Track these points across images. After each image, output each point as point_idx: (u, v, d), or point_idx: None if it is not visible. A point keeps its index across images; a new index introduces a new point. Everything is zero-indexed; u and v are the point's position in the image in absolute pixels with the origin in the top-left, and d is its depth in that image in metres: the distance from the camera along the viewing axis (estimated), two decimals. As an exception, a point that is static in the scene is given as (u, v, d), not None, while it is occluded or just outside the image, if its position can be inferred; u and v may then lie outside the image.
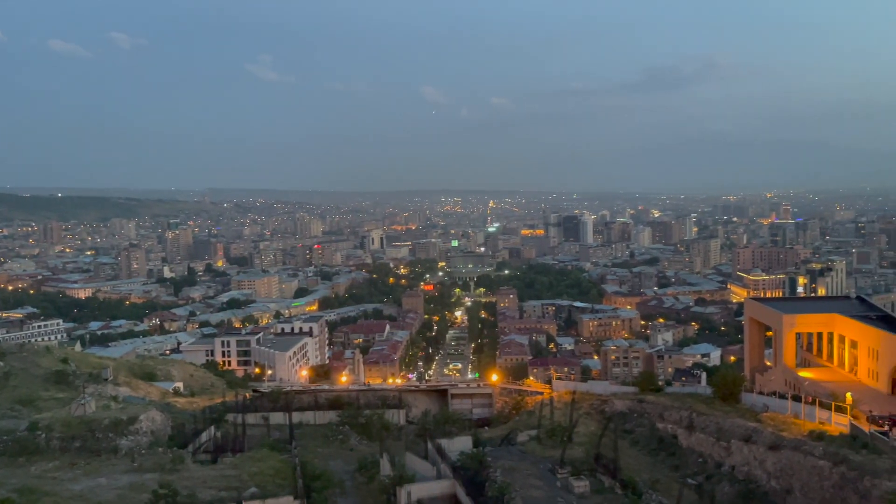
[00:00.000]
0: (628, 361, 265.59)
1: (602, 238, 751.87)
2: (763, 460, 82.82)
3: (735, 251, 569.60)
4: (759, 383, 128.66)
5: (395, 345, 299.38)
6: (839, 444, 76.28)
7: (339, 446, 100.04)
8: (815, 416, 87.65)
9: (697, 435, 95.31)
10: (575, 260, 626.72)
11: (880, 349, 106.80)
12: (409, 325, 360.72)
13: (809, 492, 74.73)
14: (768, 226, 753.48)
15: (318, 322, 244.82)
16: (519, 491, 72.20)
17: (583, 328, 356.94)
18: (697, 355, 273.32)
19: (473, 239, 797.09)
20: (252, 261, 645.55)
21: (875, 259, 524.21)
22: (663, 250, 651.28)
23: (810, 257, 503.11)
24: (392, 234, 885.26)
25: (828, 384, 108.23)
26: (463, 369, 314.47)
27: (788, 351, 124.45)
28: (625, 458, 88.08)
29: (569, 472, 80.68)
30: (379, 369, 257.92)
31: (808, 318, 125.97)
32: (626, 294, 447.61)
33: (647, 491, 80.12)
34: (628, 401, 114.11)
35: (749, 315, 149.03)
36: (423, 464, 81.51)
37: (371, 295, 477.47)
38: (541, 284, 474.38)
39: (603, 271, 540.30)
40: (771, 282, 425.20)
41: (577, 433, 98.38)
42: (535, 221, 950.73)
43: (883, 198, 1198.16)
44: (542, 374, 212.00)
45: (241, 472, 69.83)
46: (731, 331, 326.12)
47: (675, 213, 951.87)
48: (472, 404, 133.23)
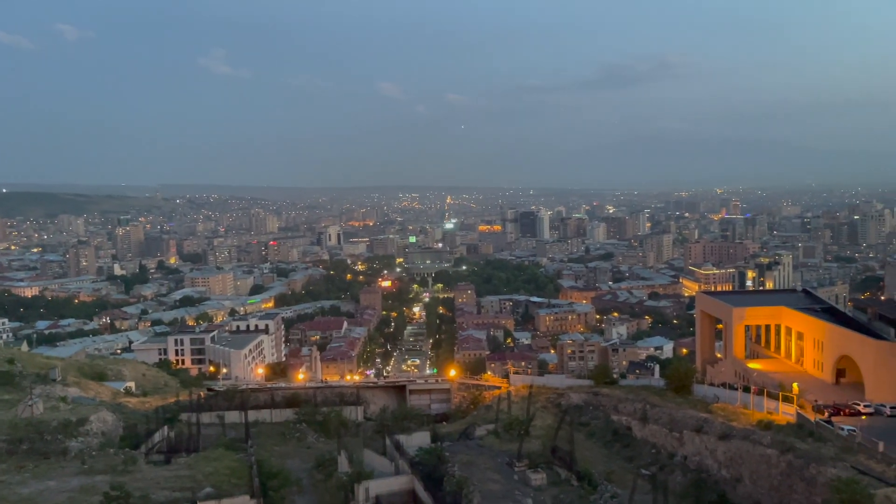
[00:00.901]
0: (584, 355, 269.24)
1: (558, 233, 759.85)
2: (714, 450, 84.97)
3: (687, 246, 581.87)
4: (710, 375, 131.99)
5: (352, 341, 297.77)
6: (786, 432, 78.78)
7: (297, 444, 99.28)
8: (763, 406, 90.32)
9: (651, 426, 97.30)
10: (532, 255, 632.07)
11: (825, 340, 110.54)
12: (367, 321, 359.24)
13: (758, 480, 77.01)
14: (719, 221, 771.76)
15: (274, 319, 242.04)
16: (477, 485, 72.74)
17: (540, 323, 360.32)
18: (651, 348, 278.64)
19: (431, 235, 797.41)
20: (206, 258, 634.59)
21: (820, 253, 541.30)
22: (618, 245, 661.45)
23: (759, 252, 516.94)
24: (349, 230, 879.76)
25: (775, 375, 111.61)
26: (421, 365, 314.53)
27: (738, 343, 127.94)
28: (581, 451, 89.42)
29: (526, 465, 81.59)
30: (336, 366, 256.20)
31: (756, 310, 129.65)
32: (581, 289, 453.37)
33: (603, 482, 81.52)
34: (584, 394, 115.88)
35: (700, 308, 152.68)
36: (382, 460, 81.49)
37: (328, 291, 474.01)
38: (498, 280, 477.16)
39: (559, 266, 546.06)
40: (721, 276, 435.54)
41: (534, 426, 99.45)
42: (492, 217, 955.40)
43: (827, 194, 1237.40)
44: (499, 369, 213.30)
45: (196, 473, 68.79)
46: (684, 324, 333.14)
47: (629, 209, 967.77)
48: (431, 400, 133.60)
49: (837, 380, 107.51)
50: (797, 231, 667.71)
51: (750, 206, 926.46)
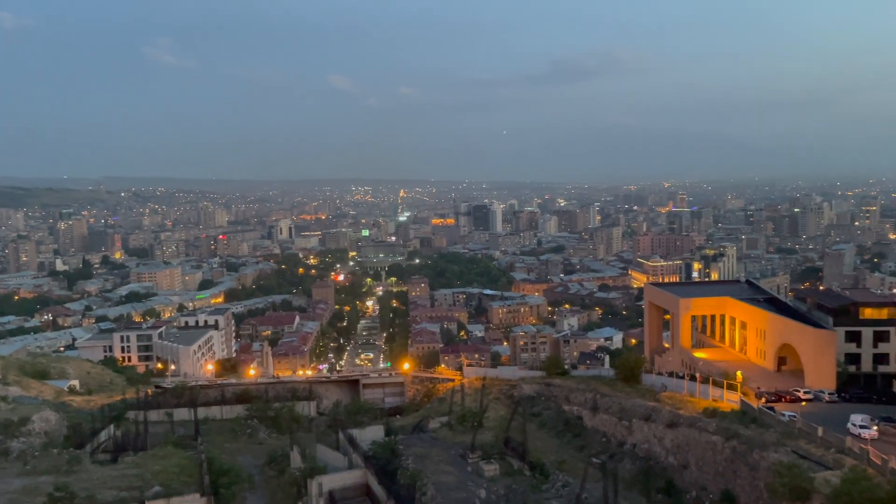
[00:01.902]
0: (536, 346, 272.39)
1: (511, 227, 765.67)
2: (662, 437, 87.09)
3: (635, 238, 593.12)
4: (658, 364, 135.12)
5: (305, 336, 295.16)
6: (731, 419, 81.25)
7: (248, 440, 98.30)
8: (709, 394, 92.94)
9: (601, 415, 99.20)
10: (485, 248, 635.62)
11: (767, 329, 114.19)
12: (320, 315, 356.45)
13: (704, 466, 79.24)
14: (666, 214, 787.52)
15: (224, 314, 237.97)
16: (431, 477, 73.07)
17: (493, 315, 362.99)
18: (601, 339, 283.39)
19: (384, 228, 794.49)
20: (153, 252, 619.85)
21: (762, 245, 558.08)
22: (569, 238, 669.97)
23: (704, 244, 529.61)
24: (301, 223, 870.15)
25: (720, 363, 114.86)
26: (375, 359, 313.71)
27: (685, 333, 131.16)
28: (533, 441, 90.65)
29: (479, 456, 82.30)
30: (289, 361, 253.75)
31: (702, 301, 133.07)
32: (533, 281, 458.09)
33: (555, 471, 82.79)
34: (536, 385, 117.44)
35: (648, 300, 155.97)
36: (335, 455, 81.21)
37: (280, 286, 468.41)
38: (451, 273, 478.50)
39: (512, 259, 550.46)
40: (668, 267, 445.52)
41: (487, 418, 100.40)
42: (445, 210, 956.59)
43: (769, 187, 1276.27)
44: (453, 362, 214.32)
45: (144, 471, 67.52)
46: (633, 315, 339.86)
47: (580, 202, 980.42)
48: (385, 393, 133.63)
49: (779, 367, 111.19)
50: (741, 224, 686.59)
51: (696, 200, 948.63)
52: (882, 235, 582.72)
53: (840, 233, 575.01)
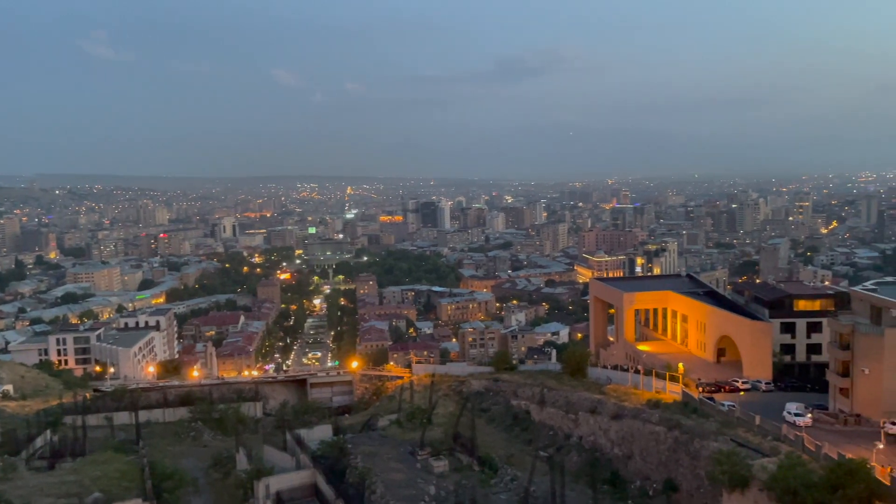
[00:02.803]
0: (485, 342, 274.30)
1: (459, 223, 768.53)
2: (607, 429, 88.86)
3: (581, 234, 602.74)
4: (604, 358, 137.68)
5: (250, 336, 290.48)
6: (673, 410, 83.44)
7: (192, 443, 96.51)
8: (652, 386, 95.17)
9: (548, 409, 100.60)
10: (433, 245, 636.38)
11: (707, 322, 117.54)
12: (266, 315, 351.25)
13: (648, 456, 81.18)
14: (610, 210, 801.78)
15: (166, 315, 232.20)
16: (380, 475, 72.93)
17: (441, 312, 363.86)
18: (548, 334, 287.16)
19: (331, 226, 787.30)
20: (90, 252, 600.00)
21: (702, 240, 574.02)
22: (516, 235, 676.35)
23: (647, 239, 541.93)
24: (245, 221, 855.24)
25: (663, 356, 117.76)
26: (323, 358, 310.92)
27: (628, 326, 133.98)
28: (482, 436, 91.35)
29: (428, 452, 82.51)
30: (234, 362, 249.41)
31: (645, 295, 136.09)
32: (482, 277, 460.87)
33: (503, 466, 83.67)
34: (485, 380, 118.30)
35: (593, 294, 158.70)
36: (283, 455, 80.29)
37: (224, 285, 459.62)
38: (400, 270, 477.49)
39: (460, 256, 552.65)
40: (613, 262, 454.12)
41: (436, 414, 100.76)
42: (393, 208, 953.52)
43: (708, 184, 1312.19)
44: (402, 359, 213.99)
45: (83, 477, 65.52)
46: (578, 309, 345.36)
47: (527, 199, 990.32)
48: (333, 392, 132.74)
49: (718, 359, 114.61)
50: (682, 219, 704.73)
51: (639, 196, 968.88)
52: (814, 230, 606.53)
53: (775, 228, 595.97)
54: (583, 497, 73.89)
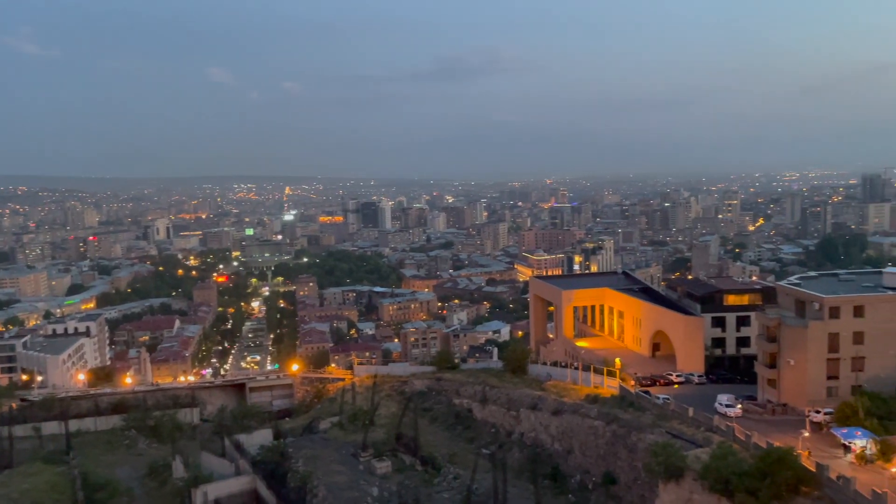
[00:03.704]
0: (427, 342, 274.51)
1: (400, 223, 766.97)
2: (548, 425, 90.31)
3: (520, 234, 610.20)
4: (544, 354, 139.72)
5: (186, 340, 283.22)
6: (611, 404, 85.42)
7: (126, 452, 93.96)
8: (590, 382, 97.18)
9: (490, 407, 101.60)
10: (374, 246, 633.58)
11: (642, 318, 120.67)
12: (202, 318, 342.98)
13: (587, 450, 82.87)
14: (549, 210, 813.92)
15: (97, 321, 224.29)
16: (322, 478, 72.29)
17: (383, 312, 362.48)
18: (490, 332, 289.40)
19: (270, 227, 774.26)
20: (14, 256, 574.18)
21: (637, 238, 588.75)
22: (457, 234, 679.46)
23: (584, 237, 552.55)
24: (180, 223, 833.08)
25: (601, 352, 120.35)
26: (262, 361, 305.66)
27: (567, 323, 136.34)
28: (425, 436, 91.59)
29: (371, 454, 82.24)
30: (169, 367, 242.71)
31: (582, 292, 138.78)
32: (423, 277, 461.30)
33: (446, 465, 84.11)
34: (427, 380, 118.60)
35: (533, 292, 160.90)
36: (221, 462, 78.80)
37: (158, 289, 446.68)
38: (341, 271, 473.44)
39: (401, 256, 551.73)
40: (552, 261, 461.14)
41: (378, 415, 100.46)
42: (333, 208, 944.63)
43: (643, 183, 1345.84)
44: (343, 361, 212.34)
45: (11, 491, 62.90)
46: (519, 307, 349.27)
47: (467, 199, 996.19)
48: (273, 396, 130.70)
49: (653, 353, 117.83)
50: (617, 218, 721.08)
51: (576, 195, 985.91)
52: (742, 227, 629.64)
53: (706, 225, 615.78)
54: (525, 493, 74.93)
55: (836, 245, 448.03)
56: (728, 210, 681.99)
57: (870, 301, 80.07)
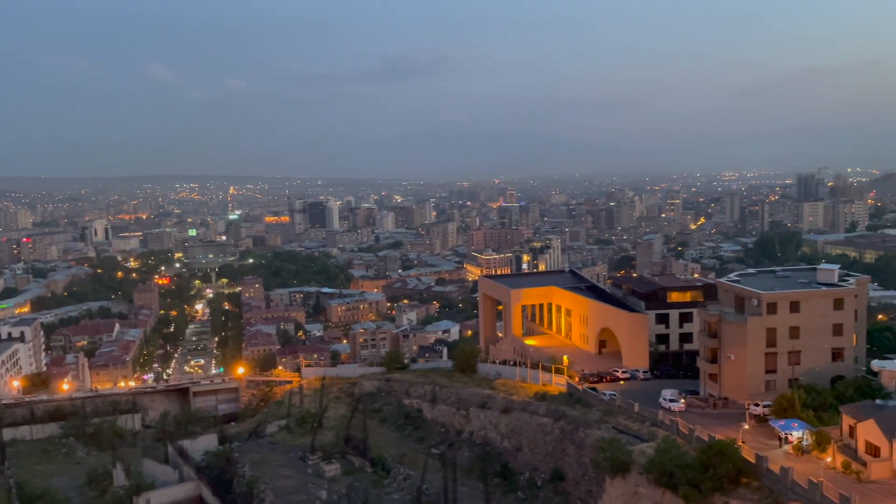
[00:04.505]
0: (376, 343, 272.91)
1: (348, 223, 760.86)
2: (497, 423, 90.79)
3: (469, 233, 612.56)
4: (493, 353, 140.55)
5: (126, 345, 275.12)
6: (559, 401, 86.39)
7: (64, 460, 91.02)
8: (539, 379, 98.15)
9: (440, 407, 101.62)
10: (322, 246, 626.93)
11: (589, 315, 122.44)
12: (143, 322, 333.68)
13: (535, 447, 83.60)
14: (497, 209, 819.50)
15: (32, 325, 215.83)
16: (269, 483, 71.15)
17: (331, 313, 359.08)
18: (439, 332, 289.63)
19: (213, 227, 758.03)
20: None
21: (583, 237, 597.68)
22: (406, 234, 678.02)
23: (532, 237, 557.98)
24: (119, 224, 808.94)
25: (549, 349, 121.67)
26: (206, 365, 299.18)
27: (516, 322, 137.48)
28: (374, 437, 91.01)
29: (319, 457, 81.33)
30: (109, 372, 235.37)
31: (531, 291, 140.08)
32: (372, 277, 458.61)
33: (396, 465, 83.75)
34: (376, 381, 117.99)
35: (482, 292, 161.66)
36: (164, 468, 76.88)
37: (96, 292, 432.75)
38: (287, 272, 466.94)
39: (350, 256, 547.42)
40: (500, 260, 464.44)
41: (327, 418, 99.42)
42: (279, 208, 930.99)
43: (588, 183, 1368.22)
44: (291, 363, 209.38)
45: (-64, 507, 59.83)
46: (468, 307, 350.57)
47: (416, 199, 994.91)
48: (217, 400, 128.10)
49: (600, 350, 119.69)
50: (564, 217, 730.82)
51: (524, 195, 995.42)
52: (684, 226, 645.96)
53: (649, 224, 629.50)
54: (475, 491, 75.17)
55: (773, 243, 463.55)
56: (671, 209, 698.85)
57: (805, 297, 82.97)
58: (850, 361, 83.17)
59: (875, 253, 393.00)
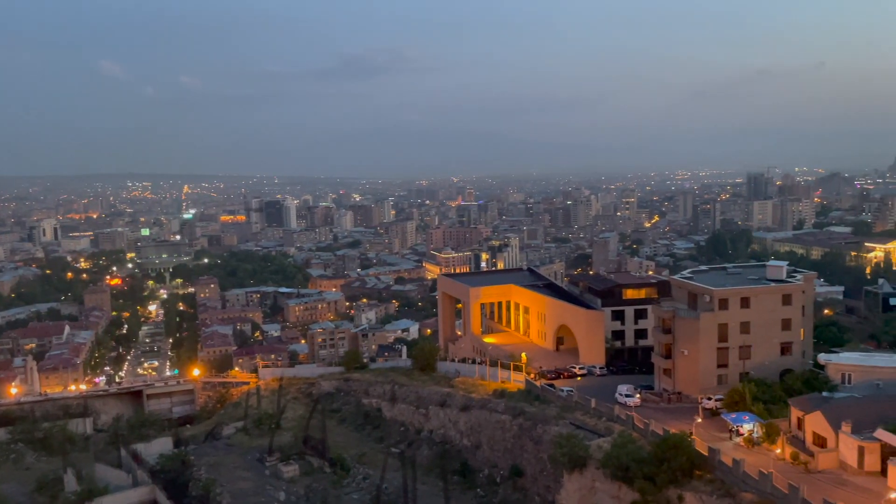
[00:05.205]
0: (335, 342, 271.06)
1: (306, 222, 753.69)
2: (456, 421, 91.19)
3: (428, 232, 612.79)
4: (452, 351, 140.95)
5: (77, 347, 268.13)
6: (517, 398, 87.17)
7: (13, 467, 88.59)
8: (497, 377, 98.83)
9: (400, 405, 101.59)
10: (279, 245, 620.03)
11: (546, 313, 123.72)
12: (95, 324, 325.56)
13: (494, 444, 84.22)
14: (456, 208, 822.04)
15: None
16: (226, 485, 70.28)
17: (289, 313, 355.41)
18: (399, 331, 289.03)
19: (167, 227, 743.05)
20: None
21: (541, 235, 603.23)
22: (365, 233, 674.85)
23: (491, 235, 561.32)
24: (69, 223, 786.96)
25: (508, 347, 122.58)
26: (161, 367, 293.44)
27: (475, 320, 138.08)
28: (333, 437, 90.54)
29: (278, 458, 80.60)
30: (59, 376, 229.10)
31: (489, 289, 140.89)
32: (330, 277, 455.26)
33: (355, 465, 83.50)
34: (335, 381, 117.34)
35: (441, 290, 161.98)
36: (117, 473, 75.38)
37: (45, 293, 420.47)
38: (244, 272, 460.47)
39: (308, 255, 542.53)
40: (459, 258, 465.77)
41: (285, 419, 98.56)
42: (235, 207, 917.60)
43: (545, 181, 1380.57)
44: (248, 364, 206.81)
45: None
46: (428, 305, 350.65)
47: (375, 197, 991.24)
48: (172, 403, 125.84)
49: (558, 347, 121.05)
50: (522, 216, 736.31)
51: (482, 194, 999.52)
52: (639, 224, 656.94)
53: (605, 222, 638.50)
54: (434, 489, 75.38)
55: (724, 240, 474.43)
56: (626, 208, 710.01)
57: (755, 293, 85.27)
58: (798, 355, 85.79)
59: (821, 250, 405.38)
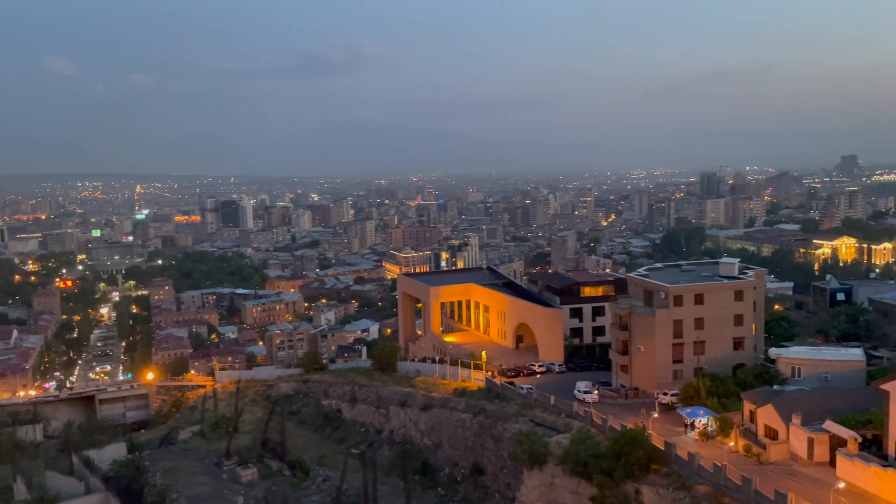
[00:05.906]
0: (293, 344, 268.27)
1: (263, 223, 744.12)
2: (417, 421, 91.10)
3: (388, 231, 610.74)
4: (413, 351, 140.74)
5: (25, 352, 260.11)
6: (478, 397, 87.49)
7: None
8: (458, 375, 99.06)
9: (360, 406, 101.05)
10: (235, 246, 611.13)
11: (506, 311, 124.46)
12: (44, 327, 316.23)
13: (455, 443, 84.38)
14: (415, 207, 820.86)
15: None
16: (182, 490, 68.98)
17: (246, 315, 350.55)
18: (358, 331, 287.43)
19: (119, 227, 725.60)
20: None
21: (500, 234, 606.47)
22: (323, 233, 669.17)
23: (451, 234, 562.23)
24: (15, 224, 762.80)
25: (468, 346, 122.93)
26: (113, 371, 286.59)
27: (435, 319, 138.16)
28: (292, 439, 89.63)
29: (235, 462, 79.41)
30: (6, 382, 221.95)
31: (449, 288, 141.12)
32: (289, 277, 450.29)
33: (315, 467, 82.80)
34: (294, 382, 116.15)
35: (401, 290, 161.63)
36: (69, 480, 73.43)
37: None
38: (199, 273, 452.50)
39: (265, 256, 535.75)
40: (419, 258, 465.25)
41: (243, 422, 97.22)
42: (190, 207, 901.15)
43: (505, 181, 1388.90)
44: (204, 367, 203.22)
45: None
46: (388, 305, 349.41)
47: (333, 197, 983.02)
48: (126, 407, 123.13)
49: (517, 345, 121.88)
50: (481, 215, 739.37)
51: (442, 193, 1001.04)
52: (596, 222, 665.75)
53: (563, 221, 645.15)
54: (395, 489, 75.20)
55: (678, 238, 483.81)
56: (583, 206, 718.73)
57: (708, 289, 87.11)
58: (750, 350, 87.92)
59: (771, 247, 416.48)
